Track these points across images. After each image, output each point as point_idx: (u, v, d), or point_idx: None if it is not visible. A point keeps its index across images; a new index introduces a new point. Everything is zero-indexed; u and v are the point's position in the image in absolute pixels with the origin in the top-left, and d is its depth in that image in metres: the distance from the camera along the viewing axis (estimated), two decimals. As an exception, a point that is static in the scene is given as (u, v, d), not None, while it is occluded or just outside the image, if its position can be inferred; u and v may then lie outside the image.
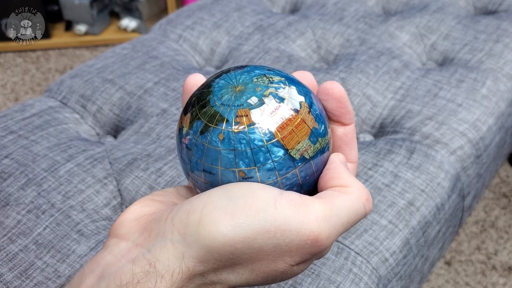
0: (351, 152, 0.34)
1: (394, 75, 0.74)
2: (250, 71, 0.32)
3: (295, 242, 0.28)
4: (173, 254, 0.27)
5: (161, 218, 0.29)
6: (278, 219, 0.28)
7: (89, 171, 0.59)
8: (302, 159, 0.30)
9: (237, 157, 0.29)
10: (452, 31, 0.84)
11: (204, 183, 0.31)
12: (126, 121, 0.69)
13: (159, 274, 0.27)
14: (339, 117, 0.33)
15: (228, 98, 0.30)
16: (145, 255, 0.28)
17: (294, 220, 0.28)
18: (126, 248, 0.29)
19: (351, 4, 0.90)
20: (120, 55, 0.77)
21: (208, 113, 0.30)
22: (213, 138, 0.30)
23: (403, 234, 0.55)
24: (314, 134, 0.31)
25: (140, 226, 0.30)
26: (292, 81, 0.32)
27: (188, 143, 0.31)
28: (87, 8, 1.69)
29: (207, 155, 0.30)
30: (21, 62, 1.71)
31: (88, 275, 0.29)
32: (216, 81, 0.32)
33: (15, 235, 0.52)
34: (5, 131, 0.63)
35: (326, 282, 0.49)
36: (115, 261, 0.28)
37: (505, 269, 1.07)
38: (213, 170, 0.30)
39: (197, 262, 0.28)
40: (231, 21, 0.85)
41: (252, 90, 0.30)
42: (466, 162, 0.65)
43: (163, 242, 0.28)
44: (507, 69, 0.76)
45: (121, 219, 0.31)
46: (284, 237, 0.28)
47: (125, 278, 0.27)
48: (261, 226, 0.27)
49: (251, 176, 0.30)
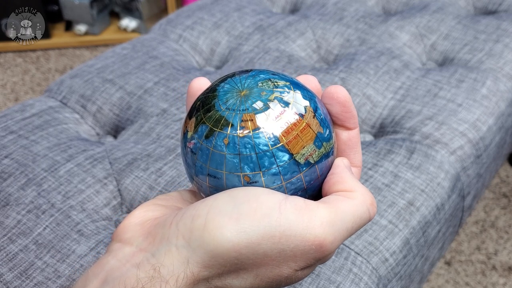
0: (355, 156, 0.34)
1: (394, 75, 0.74)
2: (255, 75, 0.32)
3: (300, 247, 0.28)
4: (178, 259, 0.27)
5: (165, 223, 0.29)
6: (282, 224, 0.27)
7: (89, 171, 0.59)
8: (307, 163, 0.30)
9: (242, 162, 0.29)
10: (452, 31, 0.84)
11: (209, 187, 0.31)
12: (126, 121, 0.69)
13: (163, 279, 0.27)
14: (343, 121, 0.33)
15: (233, 103, 0.30)
16: (150, 260, 0.28)
17: (299, 226, 0.28)
18: (131, 253, 0.29)
19: (351, 4, 0.90)
20: (120, 55, 0.77)
21: (213, 117, 0.30)
22: (218, 142, 0.30)
23: (403, 234, 0.55)
24: (319, 139, 0.31)
25: (144, 230, 0.30)
26: (297, 86, 0.32)
27: (193, 147, 0.31)
28: (87, 8, 1.69)
29: (212, 160, 0.30)
30: (21, 62, 1.71)
31: (92, 279, 0.29)
32: (221, 85, 0.32)
33: (15, 235, 0.52)
34: (5, 131, 0.63)
35: (326, 282, 0.49)
36: (119, 265, 0.28)
37: (505, 269, 1.07)
38: (218, 175, 0.30)
39: (202, 267, 0.28)
40: (231, 21, 0.85)
41: (257, 94, 0.30)
42: (466, 162, 0.65)
43: (168, 247, 0.28)
44: (507, 69, 0.76)
45: (125, 223, 0.31)
46: (289, 242, 0.28)
47: (129, 283, 0.27)
48: (265, 231, 0.27)
49: (256, 181, 0.30)
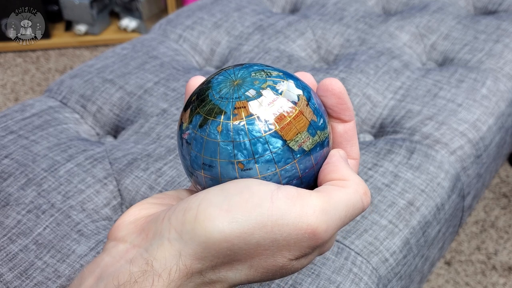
0: (352, 149, 0.34)
1: (394, 75, 0.74)
2: (248, 67, 0.32)
3: (292, 236, 0.28)
4: (170, 252, 0.27)
5: (158, 218, 0.29)
6: (274, 214, 0.27)
7: (89, 171, 0.59)
8: (301, 150, 0.30)
9: (236, 149, 0.29)
10: (452, 31, 0.84)
11: (204, 177, 0.31)
12: (126, 121, 0.69)
13: (156, 273, 0.27)
14: (338, 113, 0.33)
15: (227, 92, 0.30)
16: (143, 254, 0.28)
17: (291, 214, 0.28)
18: (124, 249, 0.29)
19: (351, 4, 0.90)
20: (120, 55, 0.77)
21: (206, 106, 0.30)
22: (211, 130, 0.30)
23: (403, 234, 0.55)
24: (312, 127, 0.31)
25: (138, 227, 0.30)
26: (290, 76, 0.32)
27: (188, 138, 0.31)
28: (87, 8, 1.69)
29: (206, 148, 0.30)
30: (21, 62, 1.71)
31: (88, 277, 0.29)
32: (215, 77, 0.32)
33: (15, 235, 0.52)
34: (5, 131, 0.63)
35: (326, 282, 0.49)
36: (113, 262, 0.29)
37: (505, 269, 1.07)
38: (213, 163, 0.30)
39: (194, 259, 0.28)
40: (231, 21, 0.85)
41: (250, 83, 0.30)
42: (466, 162, 0.65)
43: (160, 241, 0.28)
44: (507, 69, 0.76)
45: (119, 222, 0.31)
46: (281, 232, 0.28)
47: (122, 278, 0.27)
48: (257, 220, 0.27)
49: (250, 168, 0.30)
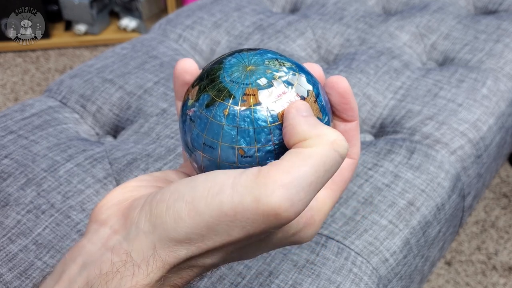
0: (351, 149, 0.34)
1: (394, 75, 0.74)
2: (262, 53, 0.32)
3: (258, 221, 0.26)
4: (146, 244, 0.27)
5: (136, 206, 0.29)
6: (234, 200, 0.26)
7: (89, 171, 0.59)
8: None
9: (239, 135, 0.29)
10: (452, 31, 0.84)
11: (203, 157, 0.31)
12: (126, 121, 0.69)
13: (135, 264, 0.27)
14: (341, 112, 0.33)
15: (238, 76, 0.30)
16: (122, 244, 0.28)
17: (248, 199, 0.26)
18: (105, 236, 0.29)
19: (351, 4, 0.90)
20: (120, 55, 0.77)
21: (216, 87, 0.30)
22: (218, 112, 0.30)
23: (403, 234, 0.55)
24: None
25: (120, 211, 0.30)
26: (302, 70, 0.32)
27: (192, 115, 0.31)
28: (87, 8, 1.69)
29: (209, 129, 0.30)
30: (21, 62, 1.71)
31: (70, 263, 0.29)
32: (228, 58, 0.32)
33: (15, 235, 0.52)
34: (5, 131, 0.63)
35: (326, 282, 0.49)
36: (95, 250, 0.29)
37: (505, 269, 1.06)
38: (214, 145, 0.30)
39: (168, 252, 0.27)
40: (231, 21, 0.85)
41: (262, 71, 0.30)
42: (467, 162, 0.65)
43: (136, 231, 0.28)
44: (508, 69, 0.76)
45: (102, 203, 0.31)
46: (245, 218, 0.26)
47: (104, 267, 0.27)
48: (219, 210, 0.26)
49: (250, 155, 0.30)
